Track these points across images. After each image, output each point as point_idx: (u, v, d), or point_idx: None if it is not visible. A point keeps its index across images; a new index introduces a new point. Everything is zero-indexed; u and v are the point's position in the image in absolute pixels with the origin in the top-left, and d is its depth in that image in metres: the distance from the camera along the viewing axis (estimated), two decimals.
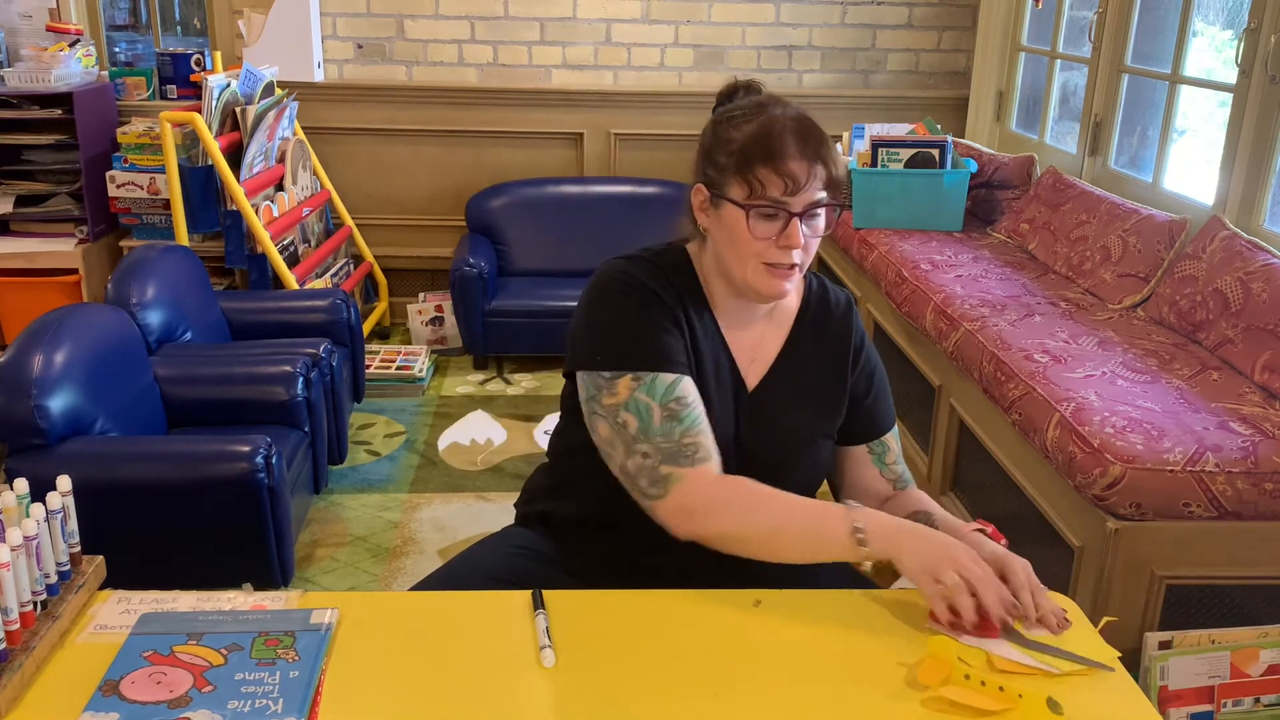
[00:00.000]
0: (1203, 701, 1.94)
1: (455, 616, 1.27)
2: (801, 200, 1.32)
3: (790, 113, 1.36)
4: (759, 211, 1.32)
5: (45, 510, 1.19)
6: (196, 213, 3.61)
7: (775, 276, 1.36)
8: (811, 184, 1.31)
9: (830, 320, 1.51)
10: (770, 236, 1.33)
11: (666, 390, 1.33)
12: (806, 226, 1.33)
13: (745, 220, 1.33)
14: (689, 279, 1.44)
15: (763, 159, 1.31)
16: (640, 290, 1.39)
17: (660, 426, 1.32)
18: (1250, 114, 2.65)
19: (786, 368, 1.48)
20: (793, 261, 1.35)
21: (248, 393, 2.63)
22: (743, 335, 1.46)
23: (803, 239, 1.33)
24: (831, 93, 4.42)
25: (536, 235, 4.20)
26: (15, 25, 4.08)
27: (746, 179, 1.32)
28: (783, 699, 1.13)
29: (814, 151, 1.32)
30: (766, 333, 1.48)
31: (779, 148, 1.31)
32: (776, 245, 1.33)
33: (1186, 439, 1.94)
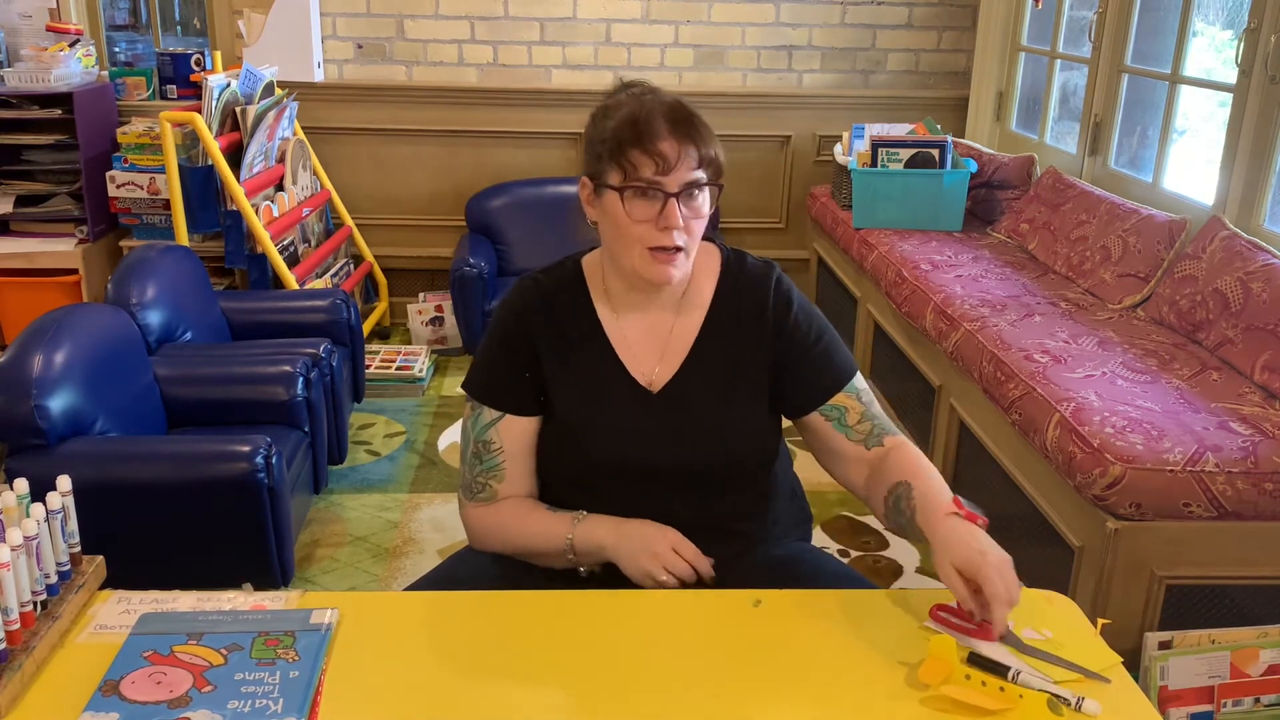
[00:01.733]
0: (1203, 701, 1.94)
1: (455, 616, 1.27)
2: (675, 180, 1.33)
3: (662, 99, 1.38)
4: (634, 192, 1.34)
5: (45, 510, 1.19)
6: (196, 213, 3.61)
7: (659, 261, 1.36)
8: (683, 163, 1.32)
9: (746, 296, 1.46)
10: (649, 219, 1.34)
11: (482, 429, 1.46)
12: (685, 207, 1.34)
13: (622, 203, 1.35)
14: (571, 293, 1.46)
15: (633, 141, 1.33)
16: (505, 324, 1.46)
17: (469, 459, 1.48)
18: (1250, 114, 2.65)
19: (699, 360, 1.44)
20: (674, 244, 1.34)
21: (248, 393, 2.63)
22: (645, 337, 1.45)
23: (681, 219, 1.33)
24: (831, 93, 4.42)
25: (536, 235, 4.20)
26: (15, 25, 4.07)
27: (620, 163, 1.34)
28: (783, 699, 1.13)
29: (684, 132, 1.33)
30: (678, 326, 1.45)
31: (648, 130, 1.33)
32: (657, 228, 1.34)
33: (1186, 439, 1.94)
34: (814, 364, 1.46)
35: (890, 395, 3.34)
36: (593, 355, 1.44)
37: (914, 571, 2.75)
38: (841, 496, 3.11)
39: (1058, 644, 1.22)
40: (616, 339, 1.45)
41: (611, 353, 1.44)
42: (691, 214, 1.35)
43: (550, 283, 1.47)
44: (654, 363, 1.45)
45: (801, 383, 1.46)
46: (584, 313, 1.46)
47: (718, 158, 1.36)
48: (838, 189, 3.99)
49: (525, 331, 1.44)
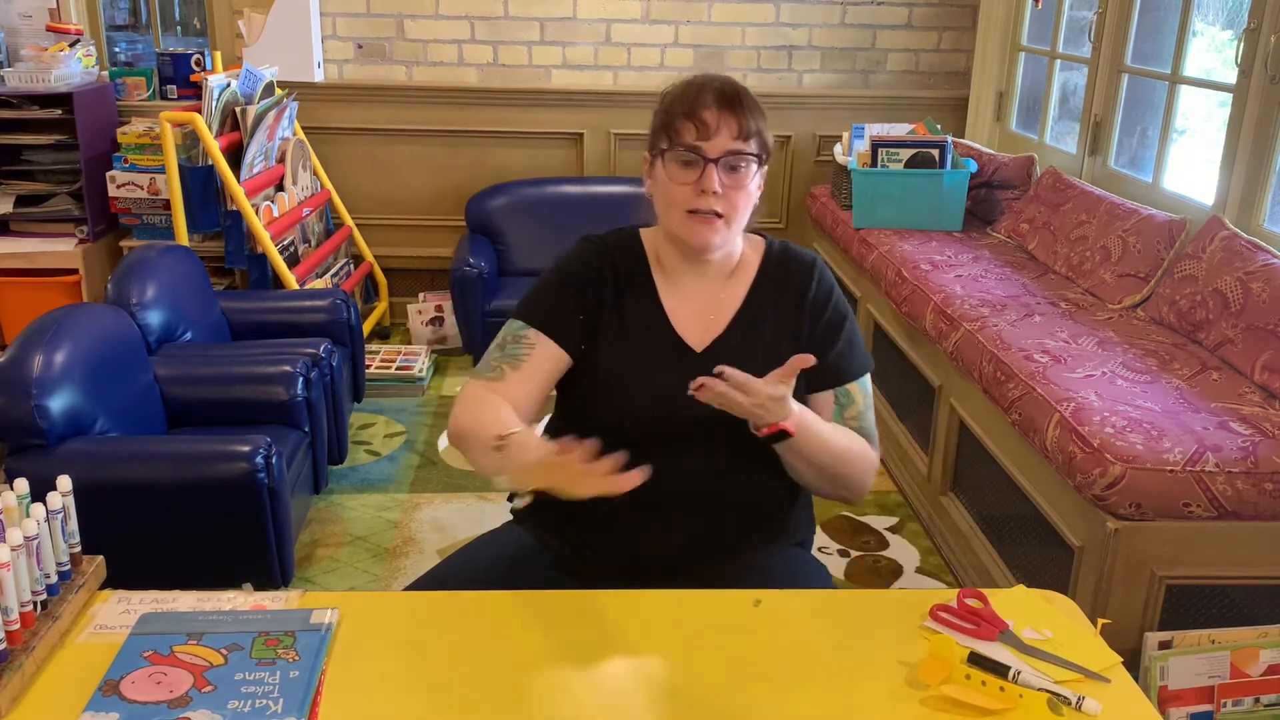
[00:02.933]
0: (1203, 701, 1.94)
1: (455, 616, 1.27)
2: (716, 146, 1.41)
3: (717, 75, 1.47)
4: (674, 156, 1.43)
5: (45, 510, 1.19)
6: (196, 213, 3.61)
7: (698, 223, 1.44)
8: (723, 131, 1.41)
9: (789, 277, 1.54)
10: (689, 182, 1.43)
11: (519, 329, 1.50)
12: (725, 176, 1.42)
13: (664, 167, 1.45)
14: (631, 254, 1.55)
15: (680, 112, 1.43)
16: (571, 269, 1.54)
17: (494, 348, 1.52)
18: (1250, 114, 2.65)
19: (741, 327, 1.51)
20: (712, 208, 1.42)
21: (248, 393, 2.63)
22: (693, 300, 1.52)
23: (718, 186, 1.41)
24: (831, 93, 4.42)
25: (536, 235, 4.19)
26: (15, 25, 4.07)
27: (667, 132, 1.45)
28: (783, 698, 1.13)
29: (727, 102, 1.42)
30: (724, 294, 1.53)
31: (694, 100, 1.43)
32: (695, 191, 1.42)
33: (1186, 439, 1.94)
34: (842, 350, 1.53)
35: (890, 395, 3.34)
36: (644, 313, 1.51)
37: (914, 571, 2.75)
38: None
39: (1058, 644, 1.22)
40: (668, 302, 1.52)
41: (661, 312, 1.51)
42: (732, 184, 1.43)
43: (612, 242, 1.56)
44: (701, 326, 1.51)
45: (828, 364, 1.50)
46: (640, 272, 1.54)
47: (762, 133, 1.44)
48: (838, 189, 3.99)
49: (591, 279, 1.52)
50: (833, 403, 1.53)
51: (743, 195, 1.45)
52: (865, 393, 1.55)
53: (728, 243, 1.49)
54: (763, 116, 1.45)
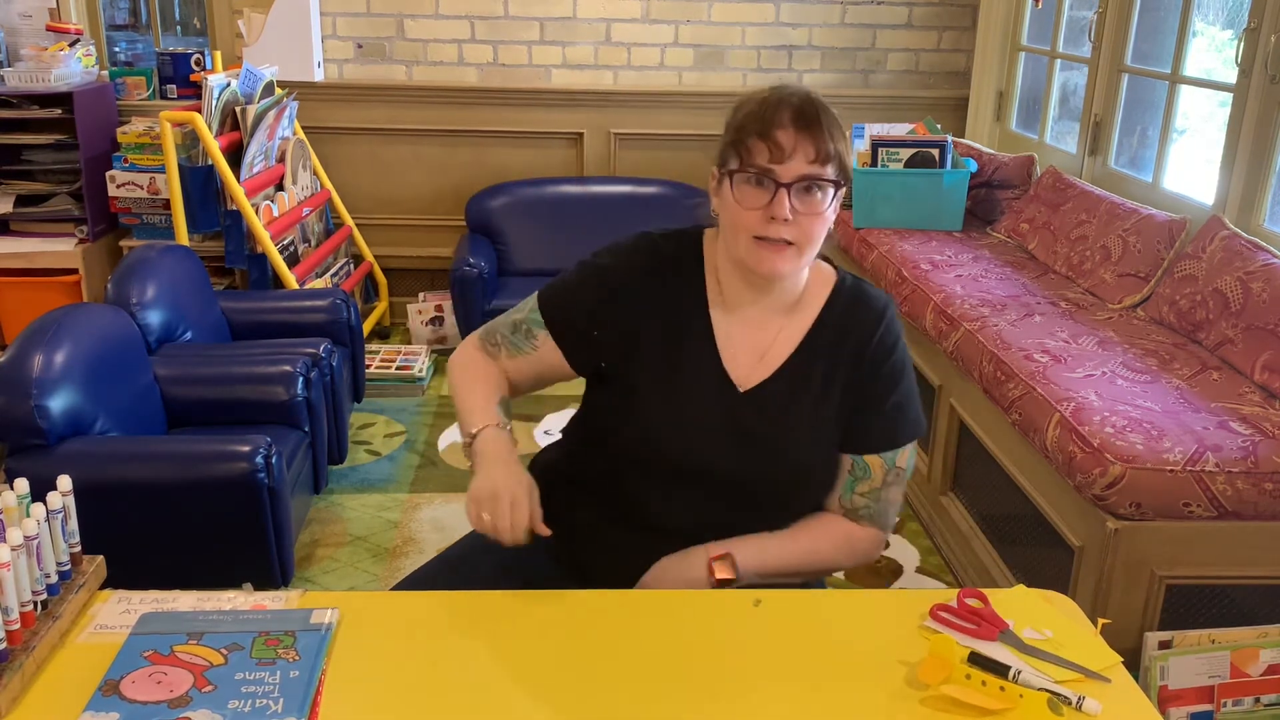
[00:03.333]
0: (1203, 701, 1.94)
1: (455, 616, 1.27)
2: (790, 171, 1.30)
3: (796, 91, 1.35)
4: (744, 178, 1.32)
5: (45, 510, 1.19)
6: (196, 213, 3.61)
7: (765, 250, 1.33)
8: (799, 155, 1.30)
9: (855, 319, 1.42)
10: (759, 206, 1.31)
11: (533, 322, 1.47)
12: (799, 202, 1.31)
13: (733, 189, 1.34)
14: (689, 268, 1.44)
15: (754, 130, 1.32)
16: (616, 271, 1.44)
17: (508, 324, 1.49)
18: (1250, 114, 2.65)
19: (793, 371, 1.41)
20: (781, 236, 1.31)
21: (248, 393, 2.63)
22: (749, 331, 1.42)
23: (789, 211, 1.30)
24: (831, 93, 4.35)
25: (536, 235, 4.20)
26: (15, 25, 4.07)
27: (738, 150, 1.33)
28: (783, 699, 1.13)
29: (805, 124, 1.31)
30: (784, 330, 1.42)
31: (770, 119, 1.31)
32: (765, 217, 1.31)
33: (1186, 439, 1.94)
34: (884, 415, 1.42)
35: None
36: (694, 341, 1.41)
37: (914, 571, 2.75)
38: None
39: (1058, 644, 1.22)
40: (720, 329, 1.42)
41: (711, 342, 1.41)
42: (805, 209, 1.32)
43: (671, 250, 1.45)
44: (751, 362, 1.42)
45: (862, 426, 1.42)
46: (695, 293, 1.43)
47: (842, 156, 1.33)
48: None
49: (634, 291, 1.42)
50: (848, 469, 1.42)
51: (817, 222, 1.33)
52: (893, 468, 1.42)
53: (797, 272, 1.38)
54: (843, 137, 1.34)
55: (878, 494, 1.43)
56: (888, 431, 1.42)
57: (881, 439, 1.42)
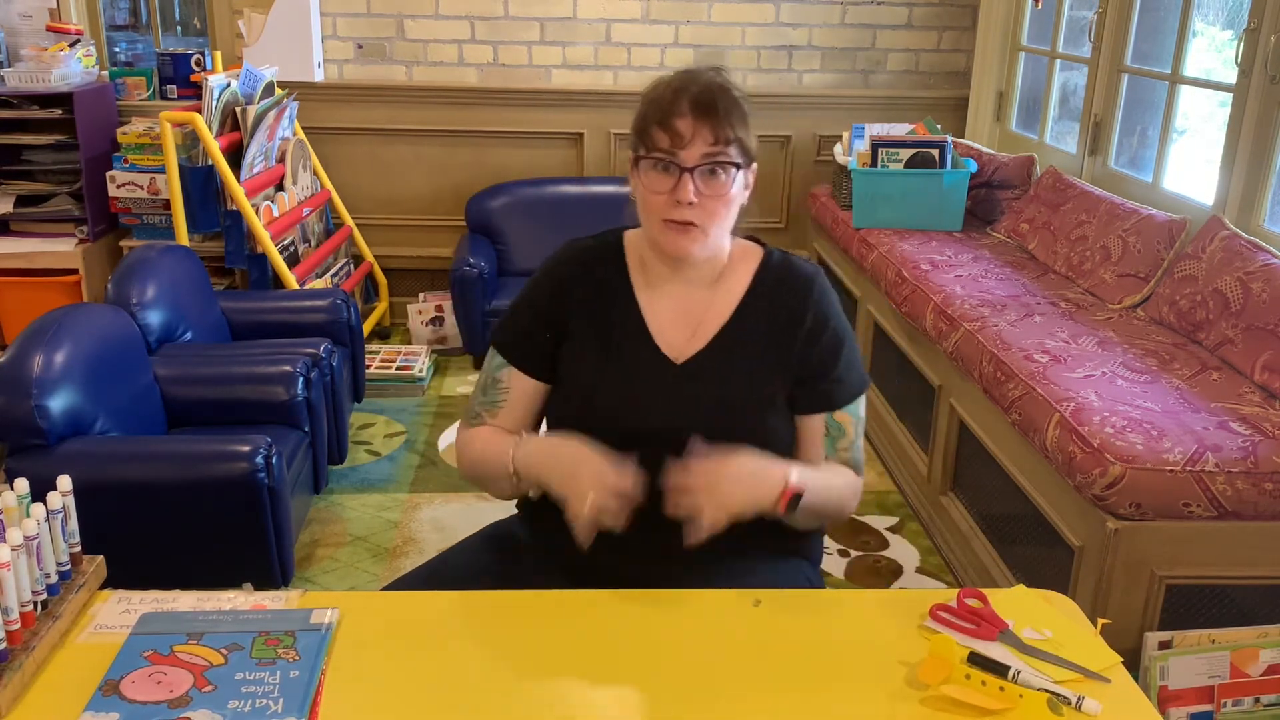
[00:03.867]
0: (1203, 701, 1.94)
1: (455, 617, 1.27)
2: (691, 155, 1.35)
3: (698, 78, 1.39)
4: (651, 164, 1.38)
5: (45, 510, 1.19)
6: (196, 213, 3.61)
7: (674, 233, 1.39)
8: (698, 140, 1.35)
9: (785, 293, 1.48)
10: (664, 190, 1.37)
11: (495, 368, 1.51)
12: (704, 185, 1.36)
13: (640, 175, 1.39)
14: (611, 258, 1.51)
15: (655, 119, 1.37)
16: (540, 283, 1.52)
17: (477, 391, 1.54)
18: (1250, 114, 2.65)
19: (726, 341, 1.46)
20: (687, 218, 1.37)
21: (248, 393, 2.63)
22: (675, 308, 1.47)
23: (694, 195, 1.35)
24: (831, 93, 4.42)
25: (536, 235, 4.19)
26: (15, 25, 4.07)
27: (643, 138, 1.39)
28: (783, 699, 1.13)
29: (703, 110, 1.35)
30: (710, 304, 1.47)
31: (668, 106, 1.37)
32: (671, 201, 1.37)
33: (1186, 439, 1.94)
34: (838, 373, 1.48)
35: (890, 395, 3.34)
36: (621, 322, 1.47)
37: (914, 571, 2.75)
38: None
39: (1058, 644, 1.22)
40: (648, 310, 1.48)
41: (640, 322, 1.47)
42: (711, 192, 1.37)
43: (592, 250, 1.52)
44: (683, 338, 1.47)
45: (818, 392, 1.47)
46: (619, 280, 1.49)
47: (743, 138, 1.38)
48: (838, 189, 3.99)
49: (558, 292, 1.49)
50: (823, 430, 1.48)
51: (721, 203, 1.39)
52: (857, 418, 1.50)
53: (708, 251, 1.44)
54: (743, 119, 1.39)
55: (852, 444, 1.50)
56: (845, 388, 1.49)
57: (842, 396, 1.48)
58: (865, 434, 2.41)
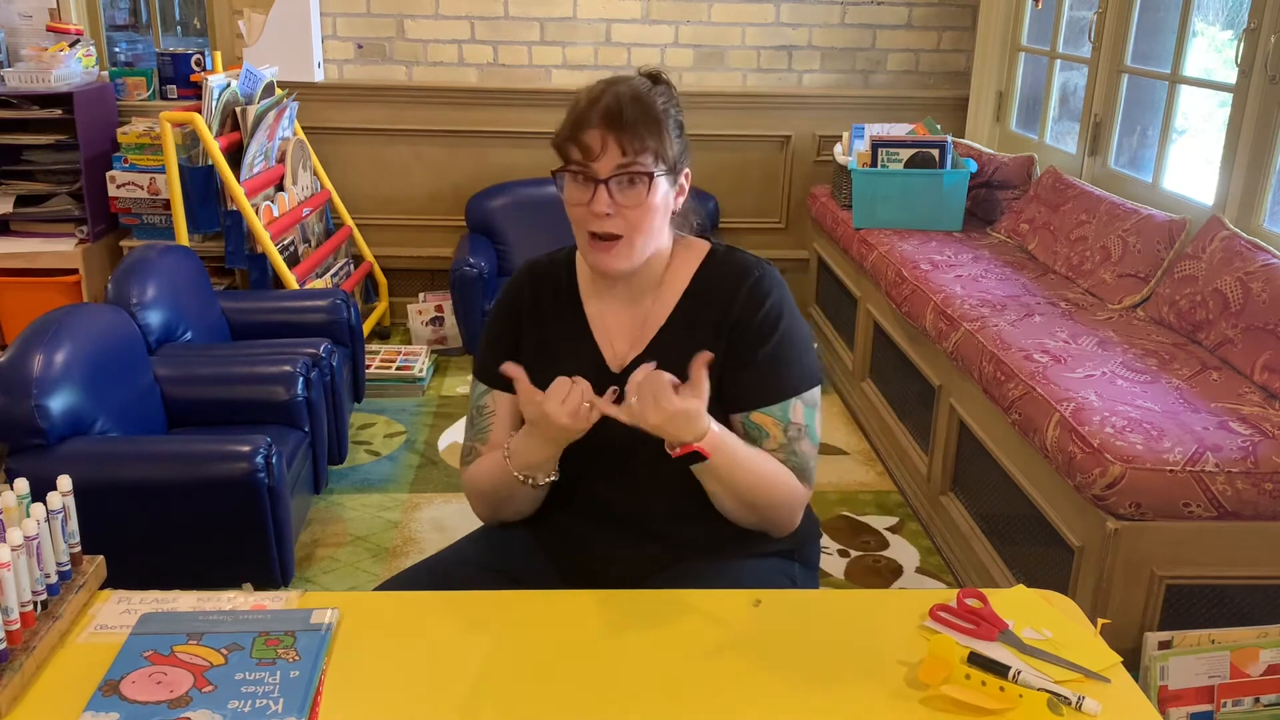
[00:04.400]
0: (1203, 701, 1.94)
1: (455, 617, 1.27)
2: (604, 166, 1.34)
3: (611, 89, 1.38)
4: (569, 177, 1.38)
5: (45, 510, 1.19)
6: (196, 213, 3.61)
7: (597, 250, 1.38)
8: (608, 152, 1.34)
9: (721, 285, 1.44)
10: (583, 202, 1.36)
11: (477, 396, 1.53)
12: (621, 196, 1.35)
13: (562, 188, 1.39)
14: (562, 272, 1.52)
15: (569, 131, 1.37)
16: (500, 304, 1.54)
17: (467, 426, 1.54)
18: (1250, 114, 2.65)
19: (663, 344, 1.44)
20: (607, 230, 1.36)
21: (248, 393, 2.63)
22: (620, 316, 1.47)
23: (608, 206, 1.34)
24: (831, 93, 4.42)
25: (536, 235, 4.19)
26: (15, 25, 4.08)
27: (561, 151, 1.39)
28: (783, 699, 1.13)
29: (612, 122, 1.33)
30: (653, 309, 1.46)
31: (580, 119, 1.36)
32: (589, 212, 1.36)
33: (1186, 439, 1.94)
34: (756, 369, 1.42)
35: (890, 395, 3.34)
36: (569, 334, 1.48)
37: (914, 571, 2.75)
38: (842, 496, 3.11)
39: (1058, 644, 1.22)
40: (595, 320, 1.48)
41: (587, 332, 1.48)
42: (629, 202, 1.35)
43: (545, 264, 1.54)
44: (626, 344, 1.47)
45: (737, 384, 1.42)
46: (567, 294, 1.50)
47: (658, 148, 1.35)
48: (838, 189, 3.99)
49: (514, 311, 1.51)
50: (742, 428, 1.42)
51: (642, 212, 1.36)
52: (787, 422, 1.41)
53: (634, 263, 1.40)
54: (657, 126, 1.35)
55: (789, 448, 1.42)
56: (766, 386, 1.42)
57: (761, 394, 1.42)
58: (866, 434, 2.45)
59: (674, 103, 1.42)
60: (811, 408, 1.44)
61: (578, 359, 1.46)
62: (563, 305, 1.50)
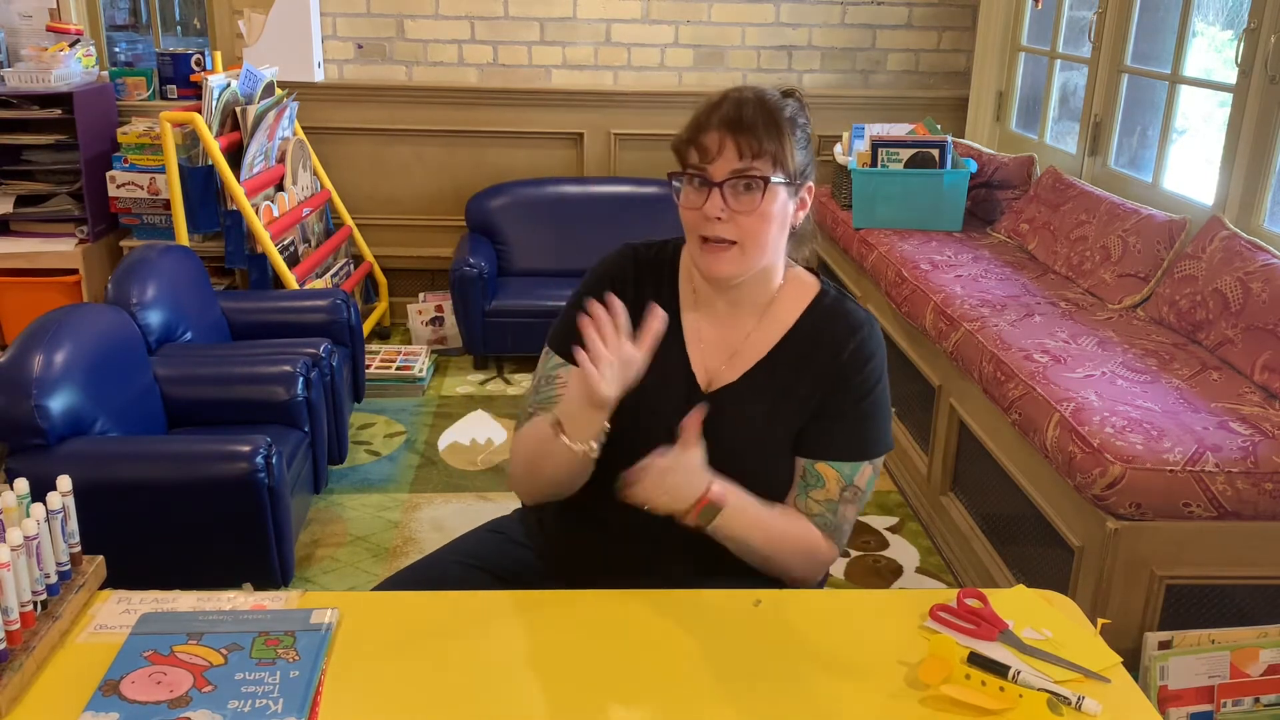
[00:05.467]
0: (1203, 701, 1.94)
1: (455, 617, 1.27)
2: (720, 169, 1.33)
3: (737, 95, 1.36)
4: (685, 180, 1.36)
5: (45, 510, 1.19)
6: (196, 213, 3.61)
7: (708, 252, 1.36)
8: (727, 154, 1.32)
9: (830, 331, 1.42)
10: (698, 206, 1.34)
11: (552, 367, 1.48)
12: (735, 201, 1.33)
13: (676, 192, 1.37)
14: (666, 275, 1.47)
15: (690, 133, 1.36)
16: (595, 285, 1.46)
17: (531, 391, 1.50)
18: (1250, 114, 2.65)
19: (759, 376, 1.42)
20: (720, 235, 1.34)
21: (248, 393, 2.63)
22: (719, 332, 1.44)
23: (720, 210, 1.32)
24: (831, 93, 4.42)
25: (536, 235, 4.20)
26: (15, 25, 4.08)
27: (679, 155, 1.38)
28: (783, 699, 1.13)
29: (733, 125, 1.32)
30: (755, 334, 1.43)
31: (703, 121, 1.35)
32: (703, 216, 1.34)
33: (1186, 439, 1.94)
34: (842, 423, 1.41)
35: (890, 395, 3.34)
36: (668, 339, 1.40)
37: (914, 571, 2.75)
38: None
39: (1058, 644, 1.22)
40: (690, 330, 1.44)
41: (680, 341, 1.44)
42: (741, 208, 1.33)
43: (648, 256, 1.49)
44: (718, 363, 1.43)
45: (819, 431, 1.41)
46: (668, 296, 1.46)
47: (778, 154, 1.33)
48: (838, 189, 3.99)
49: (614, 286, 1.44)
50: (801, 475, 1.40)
51: (757, 220, 1.33)
52: (847, 483, 1.40)
53: (744, 272, 1.38)
54: (778, 133, 1.33)
55: (834, 507, 1.41)
56: (846, 442, 1.41)
57: (837, 448, 1.41)
58: None
59: (803, 114, 1.40)
60: (875, 474, 1.44)
61: (664, 369, 1.39)
62: (661, 299, 1.42)
